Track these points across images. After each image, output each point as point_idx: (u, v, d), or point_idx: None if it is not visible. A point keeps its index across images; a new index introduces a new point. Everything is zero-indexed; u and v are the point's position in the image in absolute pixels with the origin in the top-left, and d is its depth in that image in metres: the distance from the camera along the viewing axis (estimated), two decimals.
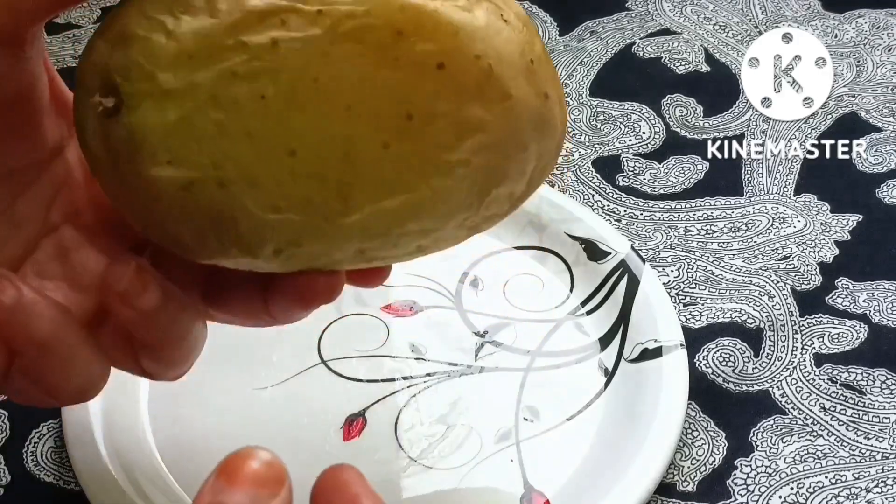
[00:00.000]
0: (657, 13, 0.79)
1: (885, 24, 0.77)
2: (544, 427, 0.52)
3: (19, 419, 0.53)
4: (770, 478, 0.51)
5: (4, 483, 0.50)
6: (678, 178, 0.66)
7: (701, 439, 0.52)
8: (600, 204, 0.64)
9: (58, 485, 0.50)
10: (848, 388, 0.54)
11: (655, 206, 0.64)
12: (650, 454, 0.48)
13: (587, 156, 0.68)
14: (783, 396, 0.54)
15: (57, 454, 0.51)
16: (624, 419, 0.51)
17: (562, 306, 0.57)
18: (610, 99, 0.72)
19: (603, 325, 0.56)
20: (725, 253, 0.61)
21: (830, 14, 0.78)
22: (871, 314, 0.58)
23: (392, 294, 0.57)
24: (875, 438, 0.52)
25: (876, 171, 0.67)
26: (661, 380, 0.52)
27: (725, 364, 0.55)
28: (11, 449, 0.52)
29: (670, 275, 0.60)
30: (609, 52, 0.76)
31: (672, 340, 0.53)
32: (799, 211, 0.64)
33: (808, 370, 0.55)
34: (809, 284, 0.60)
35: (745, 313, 0.58)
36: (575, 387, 0.53)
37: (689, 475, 0.51)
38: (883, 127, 0.69)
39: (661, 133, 0.69)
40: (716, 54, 0.75)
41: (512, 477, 0.50)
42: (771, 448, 0.52)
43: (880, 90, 0.72)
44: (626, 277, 0.57)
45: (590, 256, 0.59)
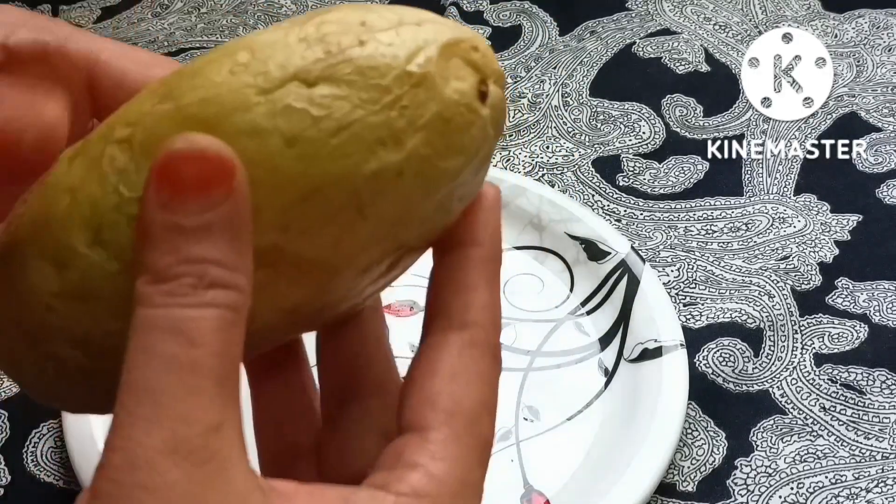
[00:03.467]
0: (657, 13, 0.79)
1: (885, 24, 0.77)
2: (544, 427, 0.52)
3: (19, 419, 0.53)
4: (770, 478, 0.51)
5: (4, 483, 0.50)
6: (678, 178, 0.66)
7: (701, 439, 0.52)
8: (600, 204, 0.64)
9: (58, 485, 0.50)
10: (848, 388, 0.54)
11: (655, 206, 0.64)
12: (650, 454, 0.48)
13: (587, 156, 0.68)
14: (783, 396, 0.54)
15: (57, 454, 0.51)
16: (624, 419, 0.51)
17: (562, 306, 0.57)
18: (610, 99, 0.72)
19: (603, 325, 0.56)
20: (725, 253, 0.61)
21: (830, 14, 0.78)
22: (871, 314, 0.58)
23: (392, 294, 0.57)
24: (875, 438, 0.52)
25: (876, 171, 0.67)
26: (661, 380, 0.52)
27: (725, 364, 0.55)
28: (11, 449, 0.52)
29: (670, 275, 0.60)
30: (609, 52, 0.76)
31: (672, 340, 0.53)
32: (799, 211, 0.64)
33: (808, 370, 0.55)
34: (809, 284, 0.60)
35: (745, 313, 0.58)
36: (575, 387, 0.53)
37: (689, 475, 0.51)
38: (883, 127, 0.69)
39: (661, 133, 0.69)
40: (716, 54, 0.75)
41: (512, 477, 0.50)
42: (771, 448, 0.52)
43: (880, 90, 0.72)
44: (626, 277, 0.57)
45: (590, 256, 0.59)
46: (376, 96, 0.25)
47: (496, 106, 0.27)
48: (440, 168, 0.26)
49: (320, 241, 0.26)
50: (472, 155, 0.27)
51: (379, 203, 0.26)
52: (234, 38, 0.27)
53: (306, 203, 0.25)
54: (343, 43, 0.26)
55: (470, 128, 0.27)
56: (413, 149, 0.26)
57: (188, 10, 0.79)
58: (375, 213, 0.26)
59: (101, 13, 0.79)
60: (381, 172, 0.25)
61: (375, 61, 0.26)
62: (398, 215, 0.26)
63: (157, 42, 0.76)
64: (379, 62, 0.26)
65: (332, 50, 0.26)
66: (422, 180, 0.26)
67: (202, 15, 0.79)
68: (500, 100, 0.28)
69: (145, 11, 0.79)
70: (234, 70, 0.25)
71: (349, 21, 0.26)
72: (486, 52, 0.28)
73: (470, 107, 0.26)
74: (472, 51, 0.27)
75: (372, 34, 0.26)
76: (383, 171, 0.25)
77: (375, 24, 0.26)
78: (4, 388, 0.54)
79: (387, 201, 0.26)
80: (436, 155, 0.26)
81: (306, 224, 0.25)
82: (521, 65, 0.74)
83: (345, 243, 0.26)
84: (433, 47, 0.26)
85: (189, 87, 0.25)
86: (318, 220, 0.25)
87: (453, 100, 0.26)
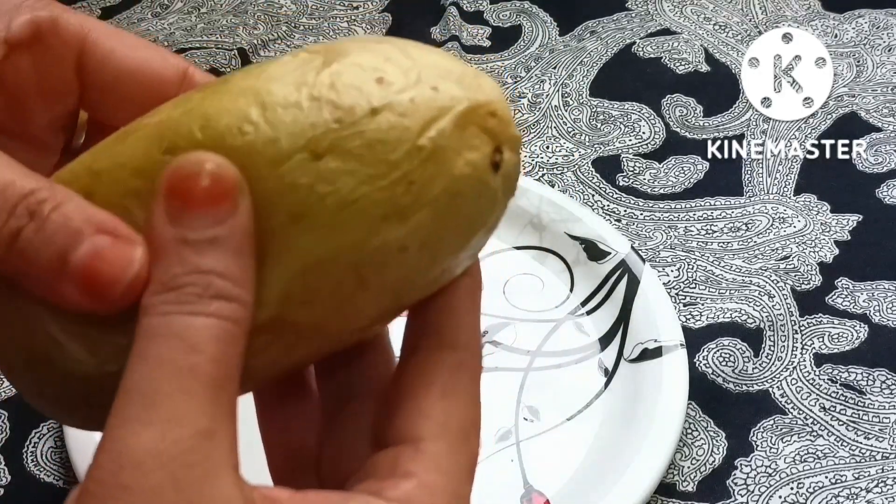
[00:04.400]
0: (657, 13, 0.79)
1: (885, 24, 0.77)
2: (544, 427, 0.52)
3: (19, 419, 0.53)
4: (770, 478, 0.51)
5: (4, 483, 0.50)
6: (678, 178, 0.66)
7: (701, 439, 0.52)
8: (600, 204, 0.64)
9: (58, 485, 0.50)
10: (848, 388, 0.54)
11: (655, 206, 0.64)
12: (650, 454, 0.48)
13: (587, 156, 0.68)
14: (783, 396, 0.54)
15: (57, 454, 0.51)
16: (624, 419, 0.51)
17: (562, 306, 0.57)
18: (610, 99, 0.72)
19: (603, 325, 0.56)
20: (725, 253, 0.61)
21: (830, 14, 0.78)
22: (871, 314, 0.58)
23: None
24: (875, 438, 0.52)
25: (876, 171, 0.67)
26: (661, 380, 0.52)
27: (725, 364, 0.55)
28: (11, 449, 0.52)
29: (670, 275, 0.60)
30: (609, 52, 0.76)
31: (672, 340, 0.53)
32: (799, 211, 0.64)
33: (808, 370, 0.55)
34: (809, 284, 0.60)
35: (745, 313, 0.58)
36: (575, 387, 0.53)
37: (689, 475, 0.51)
38: (883, 127, 0.69)
39: (661, 133, 0.69)
40: (716, 54, 0.75)
41: (512, 477, 0.50)
42: (771, 448, 0.52)
43: (880, 90, 0.72)
44: (626, 277, 0.57)
45: (590, 256, 0.59)
46: (384, 171, 0.25)
47: (509, 174, 0.27)
48: (446, 241, 0.26)
49: (321, 310, 0.26)
50: (481, 225, 0.26)
51: (382, 274, 0.25)
52: (245, 69, 0.27)
53: (308, 275, 0.25)
54: (356, 110, 0.25)
55: (479, 199, 0.26)
56: (418, 223, 0.25)
57: (188, 10, 0.79)
58: (378, 283, 0.26)
59: (101, 13, 0.79)
60: (385, 247, 0.25)
61: (386, 135, 0.25)
62: (400, 283, 0.26)
63: (157, 42, 0.76)
64: (389, 137, 0.25)
65: (342, 118, 0.25)
66: (427, 252, 0.26)
67: (202, 15, 0.79)
68: (513, 166, 0.27)
69: (145, 11, 0.79)
70: (245, 130, 0.25)
71: (365, 74, 0.25)
72: (504, 115, 0.26)
73: (481, 179, 0.26)
74: (490, 117, 0.26)
75: (386, 99, 0.25)
76: (387, 246, 0.25)
77: (392, 81, 0.25)
78: (4, 389, 0.54)
79: (389, 273, 0.26)
80: (442, 228, 0.25)
81: (307, 295, 0.25)
82: (521, 65, 0.74)
83: (345, 310, 0.26)
84: (448, 118, 0.25)
85: (196, 141, 0.25)
86: (319, 291, 0.25)
87: (464, 174, 0.25)
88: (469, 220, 0.26)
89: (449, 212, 0.25)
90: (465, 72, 0.26)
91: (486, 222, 0.27)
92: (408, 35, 0.89)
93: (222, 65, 0.73)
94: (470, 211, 0.26)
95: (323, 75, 0.25)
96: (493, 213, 0.27)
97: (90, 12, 0.79)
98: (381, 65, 0.26)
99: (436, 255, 0.26)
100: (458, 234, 0.26)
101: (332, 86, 0.25)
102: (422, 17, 0.78)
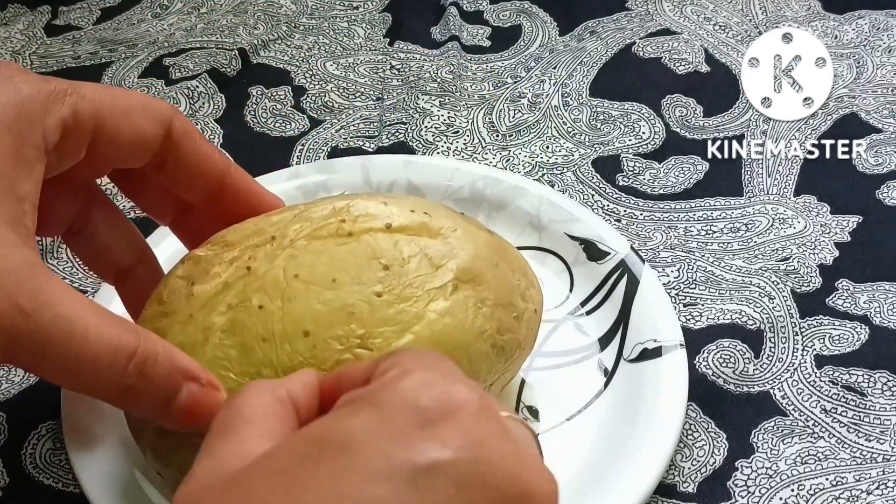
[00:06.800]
0: (657, 13, 0.79)
1: (885, 25, 0.77)
2: (544, 427, 0.52)
3: (18, 420, 0.52)
4: (771, 479, 0.51)
5: (3, 485, 0.50)
6: (678, 178, 0.66)
7: (701, 440, 0.52)
8: (600, 204, 0.64)
9: (56, 487, 0.50)
10: (849, 389, 0.54)
11: (655, 206, 0.64)
12: (650, 454, 0.48)
13: (587, 156, 0.68)
14: (784, 398, 0.54)
15: (56, 456, 0.51)
16: (624, 419, 0.51)
17: (562, 306, 0.57)
18: (610, 99, 0.72)
19: (603, 325, 0.56)
20: (725, 253, 0.61)
21: (830, 15, 0.78)
22: (871, 316, 0.58)
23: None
24: (876, 440, 0.52)
25: (876, 172, 0.67)
26: (661, 380, 0.52)
27: (726, 365, 0.55)
28: (10, 450, 0.51)
29: (670, 275, 0.60)
30: (609, 52, 0.75)
31: (672, 341, 0.53)
32: (799, 212, 0.64)
33: (808, 372, 0.55)
34: (809, 286, 0.59)
35: (745, 314, 0.58)
36: (575, 387, 0.53)
37: (689, 476, 0.51)
38: (883, 128, 0.69)
39: (661, 133, 0.69)
40: (716, 54, 0.75)
41: None
42: (772, 449, 0.52)
43: (880, 91, 0.72)
44: (626, 277, 0.57)
45: (589, 256, 0.58)
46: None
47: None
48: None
49: None
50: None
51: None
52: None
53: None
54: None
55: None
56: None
57: (188, 10, 0.79)
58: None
59: (101, 14, 0.79)
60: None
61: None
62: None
63: (157, 43, 0.76)
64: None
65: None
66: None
67: (202, 15, 0.79)
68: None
69: (145, 12, 0.79)
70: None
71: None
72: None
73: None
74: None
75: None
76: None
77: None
78: (3, 390, 0.54)
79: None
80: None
81: None
82: (521, 65, 0.74)
83: None
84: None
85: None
86: None
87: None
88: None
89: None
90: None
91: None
92: (408, 35, 0.88)
93: (222, 65, 0.73)
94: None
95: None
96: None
97: (90, 13, 0.79)
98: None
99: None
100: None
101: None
102: (422, 17, 0.78)
